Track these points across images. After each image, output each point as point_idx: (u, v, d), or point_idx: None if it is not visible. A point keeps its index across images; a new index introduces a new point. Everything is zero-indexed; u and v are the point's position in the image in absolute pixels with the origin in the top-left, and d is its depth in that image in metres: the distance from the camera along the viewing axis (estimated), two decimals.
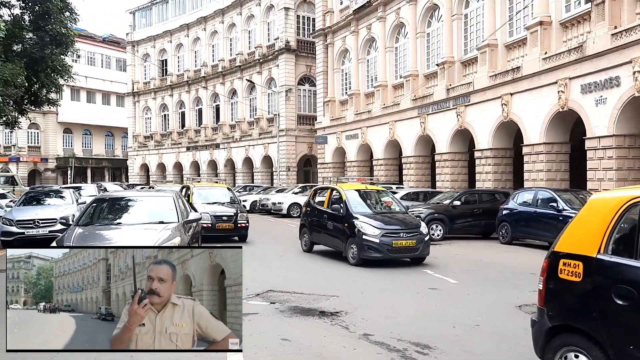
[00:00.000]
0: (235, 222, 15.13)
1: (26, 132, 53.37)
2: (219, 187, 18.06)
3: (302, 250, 13.53)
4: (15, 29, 21.32)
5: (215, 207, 15.58)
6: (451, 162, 23.36)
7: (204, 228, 13.45)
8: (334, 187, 12.95)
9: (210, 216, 14.75)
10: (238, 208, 15.93)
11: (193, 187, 16.80)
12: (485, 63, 20.82)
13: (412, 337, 6.09)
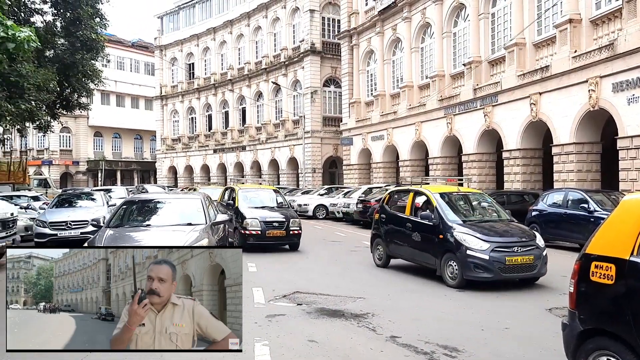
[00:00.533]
0: (287, 229, 13.58)
1: (58, 135, 54.60)
2: (265, 189, 16.44)
3: (374, 264, 11.51)
4: (47, 35, 21.86)
5: (264, 211, 14.06)
6: (478, 163, 23.10)
7: (252, 235, 13.17)
8: (418, 190, 10.71)
9: (259, 222, 13.47)
10: (289, 213, 14.40)
11: (238, 190, 15.10)
12: (513, 62, 20.53)
13: (439, 339, 6.04)
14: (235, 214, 13.89)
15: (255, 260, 12.05)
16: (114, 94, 59.38)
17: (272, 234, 13.50)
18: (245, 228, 13.38)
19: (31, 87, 18.80)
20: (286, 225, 13.56)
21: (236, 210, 14.06)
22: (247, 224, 13.40)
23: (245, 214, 13.65)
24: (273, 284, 9.24)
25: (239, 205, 14.16)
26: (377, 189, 23.80)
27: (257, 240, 13.26)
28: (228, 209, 14.21)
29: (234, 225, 13.57)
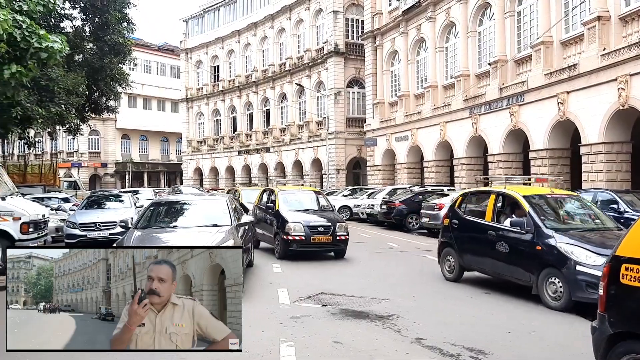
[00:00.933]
0: (333, 234, 12.43)
1: (87, 138, 55.71)
2: (307, 191, 15.16)
3: (442, 277, 9.98)
4: (76, 40, 22.35)
5: (307, 215, 12.95)
6: (505, 163, 22.82)
7: (296, 242, 12.21)
8: (502, 192, 9.18)
9: (303, 227, 12.31)
10: (334, 216, 13.31)
11: (278, 192, 13.91)
12: (539, 61, 20.24)
13: (465, 342, 6.00)
14: (276, 218, 12.93)
15: (279, 261, 12.13)
16: (141, 97, 60.31)
17: (317, 240, 12.36)
18: (287, 233, 12.21)
19: (61, 91, 19.28)
20: (332, 230, 12.44)
21: (276, 213, 13.00)
22: (290, 228, 12.21)
23: (288, 218, 12.50)
24: (298, 285, 9.29)
25: (279, 209, 13.06)
26: (402, 189, 23.71)
27: (301, 246, 12.20)
28: (267, 213, 13.69)
29: (274, 230, 12.87)
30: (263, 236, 13.95)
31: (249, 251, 10.55)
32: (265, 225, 13.70)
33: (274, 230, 12.91)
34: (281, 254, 12.38)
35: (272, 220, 13.17)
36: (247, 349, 5.71)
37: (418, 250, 14.83)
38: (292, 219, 12.49)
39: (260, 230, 13.93)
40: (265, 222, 13.78)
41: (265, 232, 13.73)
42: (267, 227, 13.51)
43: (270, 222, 13.29)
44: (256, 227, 13.68)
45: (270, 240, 13.32)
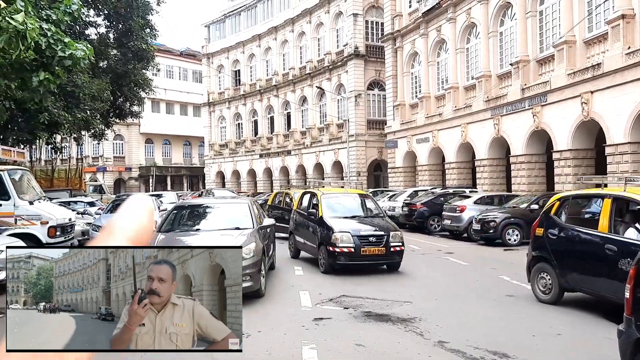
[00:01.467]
0: (386, 245, 10.74)
1: (112, 143, 56.58)
2: (352, 194, 13.33)
3: (529, 296, 8.50)
4: (101, 46, 22.77)
5: (356, 223, 11.37)
6: (527, 165, 22.56)
7: (343, 254, 10.54)
8: (622, 196, 7.33)
9: (351, 237, 10.65)
10: (387, 224, 11.56)
11: (321, 195, 12.18)
12: (562, 61, 19.98)
13: (489, 345, 5.97)
14: (320, 226, 11.38)
15: (301, 264, 12.19)
16: (164, 102, 61.06)
17: (369, 252, 10.65)
18: (333, 244, 10.57)
19: (86, 97, 19.66)
20: (385, 241, 10.72)
21: (320, 221, 11.40)
22: (337, 239, 10.57)
23: (333, 226, 10.88)
24: (320, 288, 9.33)
25: (323, 215, 11.43)
26: (423, 191, 23.59)
27: (350, 259, 10.59)
28: (309, 220, 12.22)
29: (318, 240, 11.35)
30: (305, 246, 12.51)
31: (270, 254, 10.63)
32: (307, 234, 12.23)
33: (317, 240, 11.37)
34: (326, 268, 10.87)
35: (315, 229, 11.62)
36: (269, 352, 5.78)
37: (440, 252, 14.76)
38: (339, 227, 10.84)
39: (301, 239, 12.67)
40: (306, 230, 12.33)
41: (307, 241, 12.25)
42: (309, 236, 12.00)
43: (313, 230, 11.72)
44: (296, 235, 13.08)
45: (313, 250, 11.80)
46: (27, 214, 11.39)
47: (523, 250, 14.84)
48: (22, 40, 7.07)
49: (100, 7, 22.70)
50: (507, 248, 15.22)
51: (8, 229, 11.17)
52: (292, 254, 13.50)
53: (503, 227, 15.82)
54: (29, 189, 12.32)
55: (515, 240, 15.88)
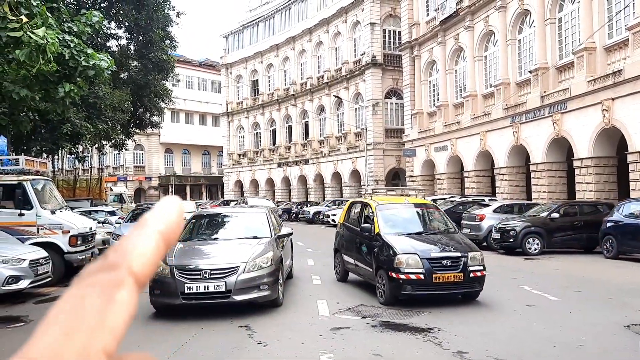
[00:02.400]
0: (464, 270, 8.51)
1: (132, 153, 57.31)
2: (415, 205, 10.68)
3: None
4: (122, 58, 23.15)
5: (423, 242, 9.10)
6: (548, 173, 22.30)
7: (410, 282, 8.34)
8: None
9: (420, 260, 8.45)
10: (462, 241, 9.28)
11: (376, 206, 9.91)
12: (582, 68, 19.77)
13: (509, 356, 5.90)
14: (377, 245, 9.16)
15: (319, 273, 12.18)
16: (183, 112, 61.74)
17: (442, 279, 8.44)
18: (397, 270, 8.39)
19: (107, 108, 19.99)
20: (463, 264, 8.51)
21: (377, 238, 9.20)
22: (401, 262, 8.41)
23: (395, 246, 8.70)
24: (337, 297, 9.31)
25: (380, 231, 9.22)
26: (442, 200, 23.44)
27: (419, 288, 8.44)
28: (362, 237, 9.82)
29: (375, 263, 9.11)
30: (356, 268, 10.22)
31: (289, 263, 10.65)
32: (359, 253, 9.97)
33: (373, 263, 9.15)
34: (388, 299, 8.59)
35: (370, 248, 9.41)
36: None
37: None
38: (403, 247, 8.68)
39: (351, 260, 10.39)
40: (357, 249, 10.08)
41: (359, 262, 9.95)
42: (362, 257, 9.78)
43: (368, 250, 9.48)
44: (343, 254, 10.88)
45: (368, 274, 9.54)
46: (49, 223, 11.59)
47: (544, 259, 14.69)
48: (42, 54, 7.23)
49: (121, 20, 23.07)
50: (527, 257, 15.04)
51: (30, 237, 11.37)
52: (338, 277, 11.18)
53: (523, 236, 15.64)
54: (51, 198, 12.54)
55: (535, 249, 15.68)
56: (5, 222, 11.35)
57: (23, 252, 9.91)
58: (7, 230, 11.32)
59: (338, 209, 31.02)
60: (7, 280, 9.18)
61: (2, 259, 9.32)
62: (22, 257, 9.58)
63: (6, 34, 7.05)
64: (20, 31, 7.00)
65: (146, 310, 8.27)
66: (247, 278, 7.84)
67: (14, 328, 7.77)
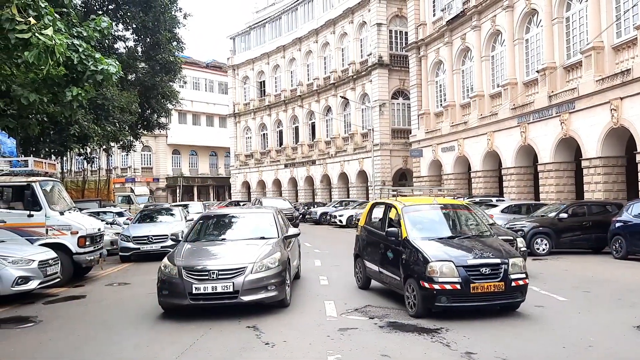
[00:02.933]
0: (505, 279, 7.62)
1: (140, 154, 57.57)
2: (445, 207, 9.55)
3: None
4: (129, 60, 23.26)
5: (457, 247, 8.11)
6: (556, 173, 22.20)
7: (445, 293, 7.46)
8: None
9: (455, 268, 7.54)
10: (502, 248, 8.28)
11: (402, 208, 8.93)
12: (590, 67, 19.66)
13: (518, 357, 5.87)
14: (405, 251, 8.24)
15: (326, 274, 12.18)
16: (190, 113, 61.96)
17: (481, 289, 7.55)
18: (430, 279, 7.54)
19: (115, 110, 20.10)
20: (503, 272, 7.65)
21: (405, 244, 8.31)
22: (434, 271, 7.55)
23: (427, 252, 7.82)
24: (345, 298, 9.31)
25: (408, 236, 8.34)
26: None
27: (455, 299, 7.54)
28: (387, 241, 8.92)
29: (402, 271, 8.23)
30: (380, 275, 9.32)
31: (296, 263, 10.65)
32: (384, 260, 9.08)
33: (401, 271, 8.29)
34: (420, 311, 7.74)
35: (397, 254, 8.50)
36: None
37: None
38: (436, 254, 7.80)
39: (374, 267, 9.52)
40: (382, 254, 9.18)
41: (383, 270, 9.07)
42: (388, 263, 8.89)
43: (395, 256, 8.58)
44: (366, 259, 9.96)
45: (395, 284, 8.66)
46: (58, 224, 11.66)
47: (552, 260, 14.61)
48: (50, 56, 7.28)
49: (129, 22, 23.21)
50: (535, 258, 14.95)
51: (39, 238, 11.45)
52: (360, 284, 10.31)
53: (531, 236, 15.57)
54: (60, 199, 12.61)
55: (544, 250, 15.61)
56: (14, 223, 11.42)
57: (32, 252, 9.98)
58: (17, 231, 11.39)
59: (345, 209, 31.07)
60: (16, 280, 9.25)
61: (12, 259, 9.39)
62: (32, 258, 9.65)
63: (15, 35, 7.11)
64: (28, 33, 7.05)
65: (155, 311, 8.31)
66: (254, 279, 7.85)
67: (24, 328, 7.82)
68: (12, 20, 6.91)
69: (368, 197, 37.93)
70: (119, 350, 6.49)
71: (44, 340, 7.05)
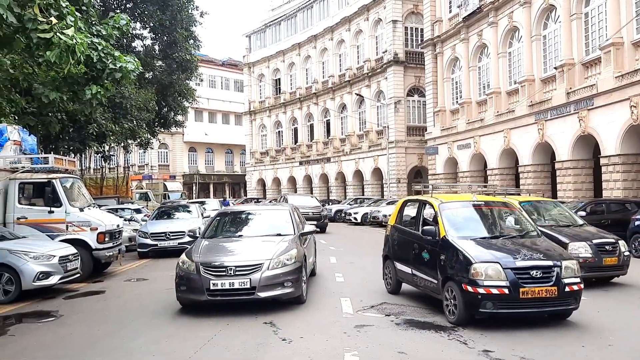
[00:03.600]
0: (558, 283, 6.91)
1: (157, 152, 58.03)
2: (486, 204, 8.97)
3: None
4: (147, 58, 23.46)
5: (501, 247, 7.42)
6: (574, 171, 21.96)
7: (491, 298, 6.78)
8: None
9: (502, 270, 6.85)
10: (552, 249, 7.67)
11: (439, 205, 8.26)
12: (609, 63, 19.41)
13: (536, 355, 5.85)
14: (445, 252, 7.58)
15: (342, 270, 12.20)
16: (207, 111, 62.30)
17: (532, 294, 6.82)
18: (474, 282, 6.88)
19: (133, 108, 20.29)
20: (556, 276, 6.95)
21: (444, 244, 7.66)
22: (479, 273, 6.90)
23: (470, 252, 7.18)
24: (361, 294, 9.32)
25: (447, 235, 7.69)
26: None
27: (502, 305, 6.85)
28: (422, 241, 8.27)
29: (440, 273, 7.58)
30: (413, 278, 8.60)
31: (312, 260, 10.69)
32: (417, 261, 8.41)
33: (438, 273, 7.65)
34: (461, 318, 7.10)
35: (434, 255, 7.84)
36: (311, 358, 5.84)
37: None
38: (479, 254, 7.15)
39: (406, 269, 8.79)
40: (415, 255, 8.49)
41: (417, 272, 8.40)
42: (422, 265, 8.23)
43: (432, 257, 7.92)
44: (396, 261, 9.21)
45: (431, 287, 7.98)
46: (78, 221, 11.83)
47: None
48: (71, 55, 7.38)
49: (146, 20, 23.39)
50: None
51: (60, 234, 11.63)
52: (389, 288, 9.51)
53: None
54: (80, 196, 12.79)
55: None
56: (35, 219, 11.62)
57: (53, 248, 10.15)
58: (38, 227, 11.59)
59: (360, 207, 31.04)
60: (37, 276, 9.42)
61: (33, 255, 9.56)
62: (52, 254, 9.81)
63: (37, 35, 7.22)
64: (50, 32, 7.15)
65: (173, 306, 8.41)
66: (271, 275, 7.91)
67: (45, 323, 7.97)
68: (34, 20, 7.02)
69: (383, 194, 37.87)
70: (138, 345, 6.58)
71: (65, 335, 7.18)
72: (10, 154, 12.08)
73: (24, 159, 12.31)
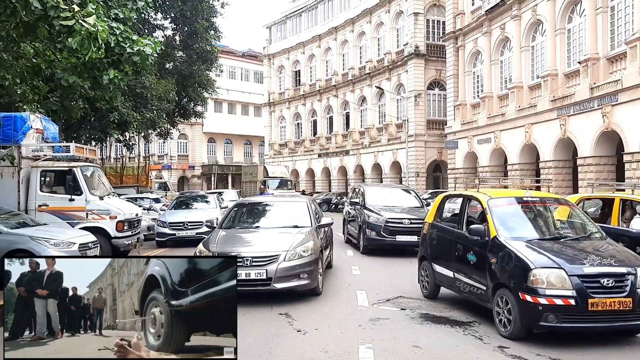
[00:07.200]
0: (633, 294, 5.94)
1: (176, 142, 58.49)
2: (543, 201, 7.96)
3: None
4: (167, 48, 23.61)
5: (564, 253, 6.42)
6: (596, 167, 21.59)
7: (554, 309, 5.88)
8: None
9: (567, 277, 5.96)
10: (622, 251, 6.77)
11: (487, 201, 7.36)
12: (635, 58, 18.98)
13: (552, 352, 5.78)
14: (496, 255, 6.65)
15: (358, 263, 12.19)
16: (226, 102, 62.55)
17: (603, 306, 5.87)
18: (534, 291, 5.99)
19: (153, 98, 20.46)
20: (630, 285, 5.98)
21: (492, 244, 6.79)
22: (539, 280, 6.00)
23: (528, 256, 6.29)
24: (377, 288, 9.31)
25: (499, 235, 6.79)
26: None
27: (567, 319, 5.92)
28: (471, 243, 7.25)
29: (490, 279, 6.69)
30: (455, 283, 7.67)
31: (328, 253, 10.70)
32: (460, 265, 7.52)
33: (488, 280, 6.73)
34: (517, 330, 6.20)
35: (482, 258, 6.93)
36: (325, 349, 5.85)
37: None
38: (539, 259, 6.21)
39: (447, 272, 7.88)
40: (457, 257, 7.60)
41: (461, 276, 7.48)
42: (467, 269, 7.34)
43: (480, 260, 7.01)
44: (435, 263, 8.28)
45: (477, 293, 7.07)
46: (98, 209, 12.00)
47: None
48: (93, 42, 7.44)
49: (167, 11, 23.54)
50: None
51: (80, 222, 11.81)
52: (426, 292, 8.58)
53: None
54: (100, 184, 12.96)
55: None
56: (56, 206, 11.81)
57: (73, 235, 10.29)
58: (58, 215, 11.78)
59: None
60: None
61: (54, 242, 9.70)
62: (72, 241, 9.94)
63: (59, 22, 7.29)
64: (72, 20, 7.22)
65: None
66: (287, 266, 7.93)
67: None
68: (56, 8, 7.10)
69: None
70: None
71: None
72: (33, 142, 12.27)
73: (45, 147, 12.49)
